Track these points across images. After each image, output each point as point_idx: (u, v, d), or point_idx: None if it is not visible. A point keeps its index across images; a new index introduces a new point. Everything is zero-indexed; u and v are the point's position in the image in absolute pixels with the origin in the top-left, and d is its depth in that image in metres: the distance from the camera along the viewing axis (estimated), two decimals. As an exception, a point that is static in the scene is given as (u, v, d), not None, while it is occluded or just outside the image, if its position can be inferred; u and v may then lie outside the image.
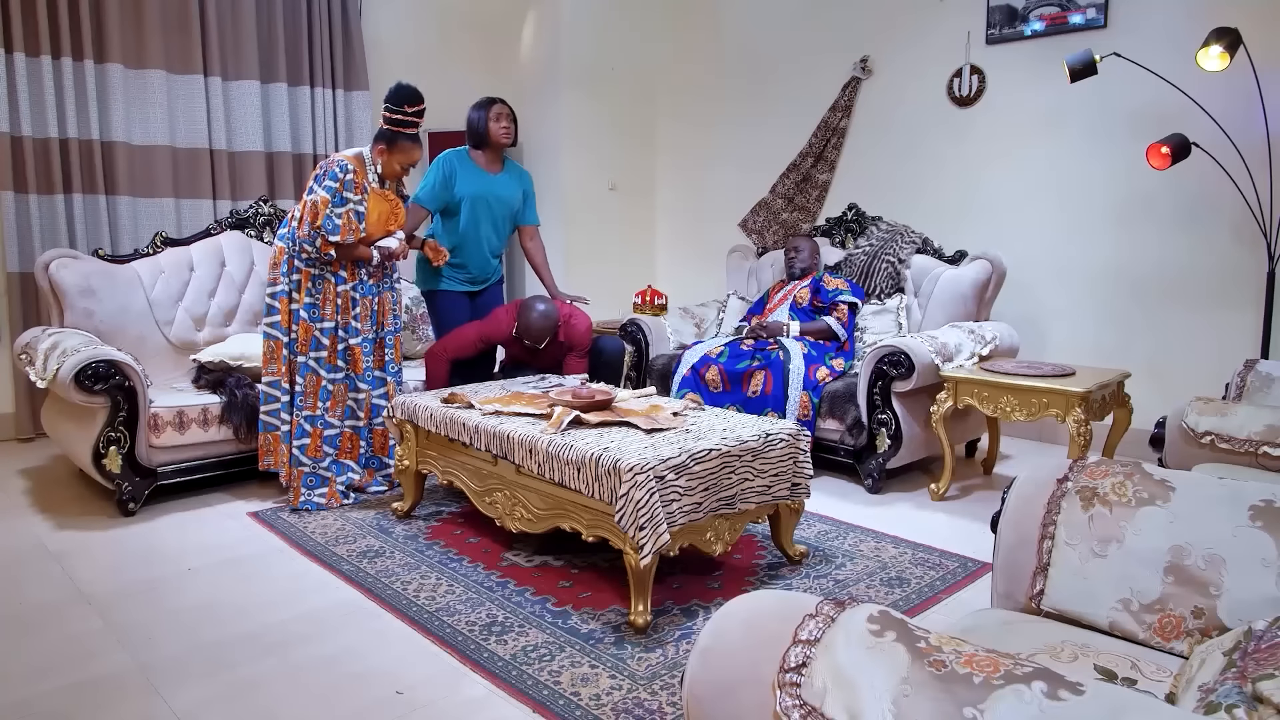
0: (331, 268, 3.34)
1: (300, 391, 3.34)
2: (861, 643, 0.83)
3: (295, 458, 3.35)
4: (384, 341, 3.53)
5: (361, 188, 3.32)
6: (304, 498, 3.34)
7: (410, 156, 3.38)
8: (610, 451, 2.36)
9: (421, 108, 3.36)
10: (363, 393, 3.43)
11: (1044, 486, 1.56)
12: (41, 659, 2.21)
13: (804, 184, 5.33)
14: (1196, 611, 1.33)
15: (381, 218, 3.39)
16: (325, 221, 3.24)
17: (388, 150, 3.35)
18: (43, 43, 4.17)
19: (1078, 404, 3.08)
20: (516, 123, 3.91)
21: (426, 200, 3.80)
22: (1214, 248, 3.85)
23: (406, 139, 3.35)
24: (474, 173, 3.84)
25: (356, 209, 3.29)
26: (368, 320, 3.43)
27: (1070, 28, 4.16)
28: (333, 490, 3.40)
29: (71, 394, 3.10)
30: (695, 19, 5.91)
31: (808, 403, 3.68)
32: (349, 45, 5.17)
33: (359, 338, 3.40)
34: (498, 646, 2.26)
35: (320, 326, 3.35)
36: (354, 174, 3.30)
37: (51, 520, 3.25)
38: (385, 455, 3.54)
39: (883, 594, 2.59)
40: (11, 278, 4.25)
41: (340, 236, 3.26)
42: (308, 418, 3.36)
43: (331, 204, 3.25)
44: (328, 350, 3.37)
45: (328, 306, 3.35)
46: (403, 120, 3.32)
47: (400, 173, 3.42)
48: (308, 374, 3.35)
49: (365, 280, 3.42)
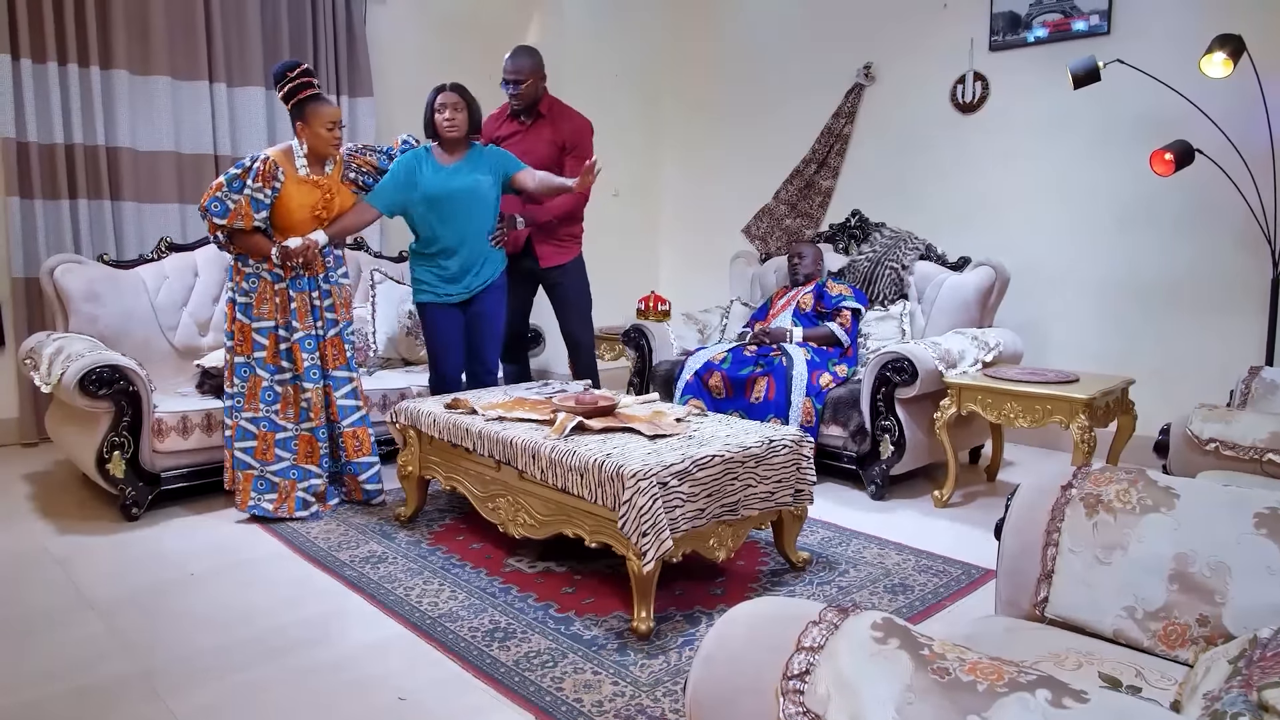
0: (267, 265, 3.24)
1: (240, 393, 3.25)
2: (865, 650, 0.83)
3: (240, 460, 3.25)
4: (339, 339, 3.38)
5: (270, 176, 3.18)
6: (252, 501, 3.25)
7: (323, 116, 3.22)
8: (613, 457, 2.36)
9: (302, 68, 3.23)
10: (308, 392, 3.30)
11: (1048, 493, 1.55)
12: (45, 664, 2.21)
13: (807, 190, 5.33)
14: (1201, 619, 1.33)
15: (306, 207, 3.26)
16: (210, 203, 3.15)
17: (304, 124, 3.23)
18: (49, 49, 4.18)
19: (1082, 410, 3.08)
20: (472, 110, 3.48)
21: (374, 198, 3.46)
22: (1217, 254, 3.84)
23: (308, 102, 3.22)
24: (432, 169, 3.48)
25: (255, 196, 3.17)
26: (307, 317, 3.29)
27: (1073, 34, 4.16)
28: (287, 498, 3.27)
29: (76, 399, 3.11)
30: (698, 25, 5.92)
31: (811, 409, 3.67)
32: (353, 51, 5.19)
33: (300, 334, 3.27)
34: (500, 653, 2.25)
35: (258, 326, 3.25)
36: (263, 163, 3.19)
37: (55, 525, 3.25)
38: (361, 458, 3.40)
39: (886, 601, 2.59)
40: (16, 283, 4.26)
41: (228, 221, 3.15)
42: (251, 419, 3.25)
43: (227, 188, 3.16)
44: (268, 350, 3.26)
45: (265, 305, 3.26)
46: (293, 90, 3.21)
47: (330, 140, 3.25)
48: (248, 375, 3.25)
49: (301, 275, 3.29)
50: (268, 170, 3.19)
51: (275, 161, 3.22)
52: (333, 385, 3.36)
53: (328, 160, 3.38)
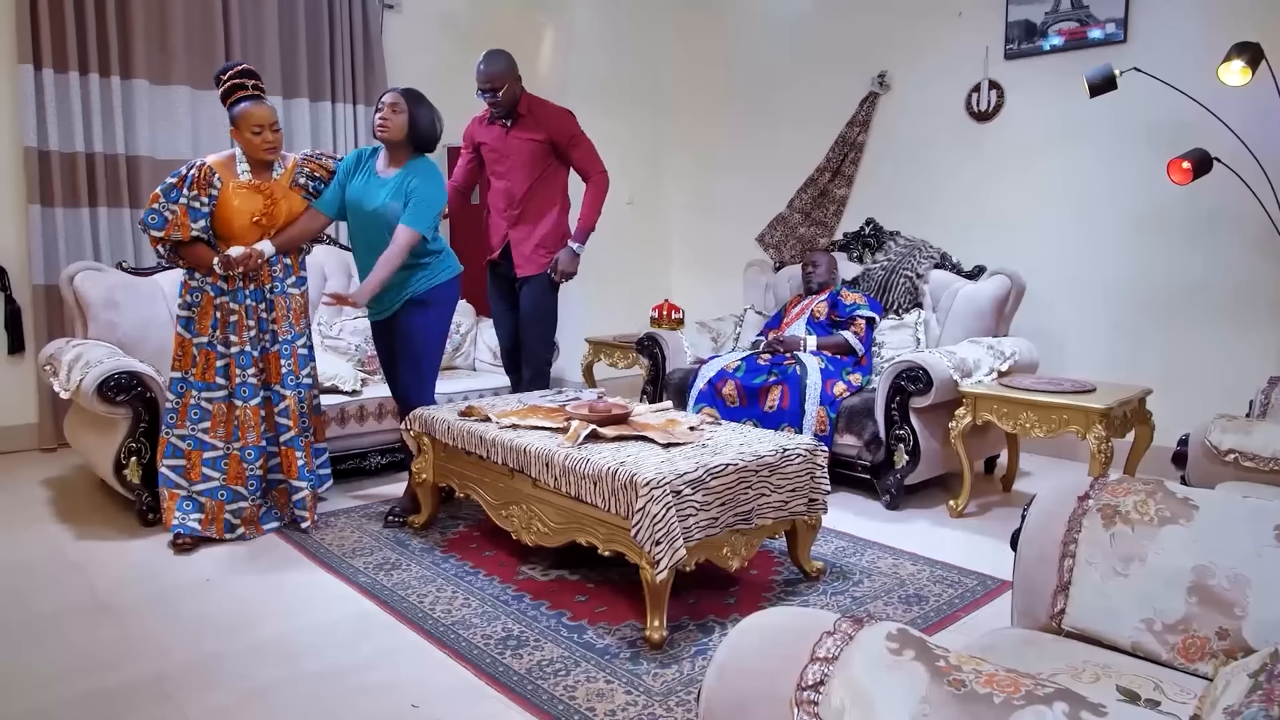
0: (211, 278, 3.09)
1: (173, 410, 3.10)
2: (880, 661, 0.82)
3: (167, 479, 3.08)
4: (279, 353, 3.18)
5: (205, 183, 3.05)
6: (177, 520, 3.05)
7: (250, 119, 3.04)
8: (627, 466, 2.36)
9: (238, 69, 3.08)
10: (237, 409, 3.13)
11: (1065, 504, 1.54)
12: (60, 666, 2.23)
13: (821, 199, 5.33)
14: (1221, 632, 1.31)
15: (246, 213, 3.09)
16: (147, 215, 3.02)
17: (234, 128, 3.07)
18: (70, 59, 4.24)
19: (1099, 421, 3.05)
20: (414, 116, 3.15)
21: (321, 203, 3.25)
22: (1234, 262, 3.81)
23: (238, 103, 3.05)
24: (366, 174, 3.24)
25: (191, 205, 3.03)
26: (246, 330, 3.12)
27: (1089, 42, 4.15)
28: (215, 519, 3.10)
29: (94, 405, 3.14)
30: (710, 34, 5.93)
31: (825, 418, 3.66)
32: (369, 61, 5.24)
33: (235, 348, 3.11)
34: (513, 661, 2.25)
35: (198, 341, 3.10)
36: (198, 169, 3.05)
37: (72, 529, 3.27)
38: (296, 478, 3.19)
39: (900, 611, 2.57)
40: (37, 289, 4.31)
41: (165, 232, 3.02)
42: (180, 436, 3.09)
43: (163, 199, 3.03)
44: (199, 367, 3.10)
45: (204, 319, 3.10)
46: (225, 93, 3.07)
47: (260, 144, 3.06)
48: (182, 391, 3.10)
49: (241, 287, 3.12)
50: (202, 177, 3.06)
51: (211, 167, 3.08)
52: (273, 400, 3.20)
53: (276, 166, 3.20)
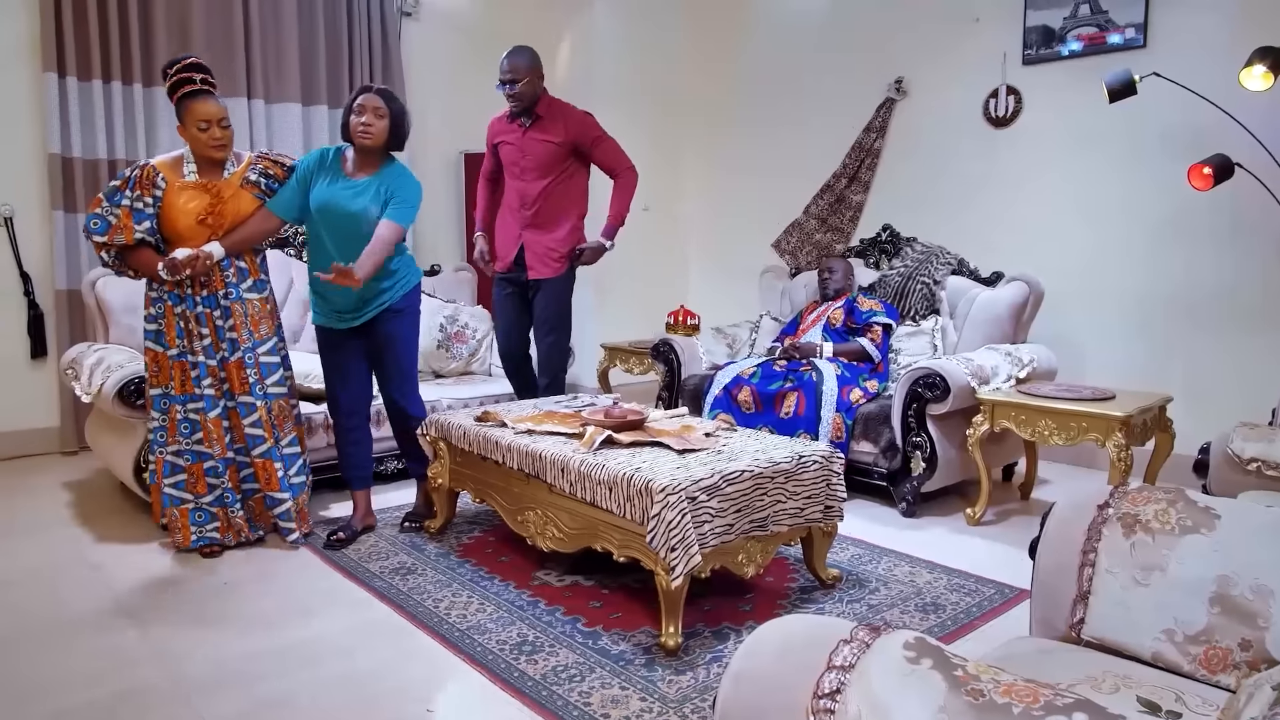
0: (166, 285, 2.96)
1: (161, 427, 3.01)
2: (897, 670, 0.82)
3: (173, 497, 3.02)
4: (242, 361, 3.03)
5: (149, 184, 2.93)
6: (195, 535, 3.03)
7: (196, 113, 2.91)
8: (642, 472, 2.36)
9: (185, 63, 2.96)
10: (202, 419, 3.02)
11: (1084, 512, 1.53)
12: (79, 669, 2.24)
13: (838, 205, 5.31)
14: (1244, 643, 1.30)
15: (191, 213, 2.96)
16: (89, 220, 2.91)
17: (180, 124, 2.95)
18: (94, 67, 4.30)
19: (1118, 428, 3.03)
20: (395, 122, 3.06)
21: (275, 203, 3.08)
22: (1256, 268, 3.77)
23: (185, 99, 2.92)
24: (333, 175, 3.07)
25: (135, 206, 2.91)
26: (200, 339, 2.99)
27: (1109, 48, 4.12)
28: (230, 524, 3.08)
29: (114, 408, 3.17)
30: (727, 40, 5.93)
31: (841, 424, 3.65)
32: (388, 67, 5.27)
33: (199, 358, 3.00)
34: (528, 666, 2.25)
35: (169, 354, 2.99)
36: (141, 170, 2.95)
37: (92, 532, 3.30)
38: (271, 490, 3.09)
39: (917, 620, 2.56)
40: (59, 294, 4.36)
41: (108, 237, 2.89)
42: (176, 452, 3.01)
43: (106, 202, 2.91)
44: (178, 380, 2.99)
45: (170, 331, 2.98)
46: (172, 88, 2.94)
47: (206, 140, 2.93)
48: (166, 407, 3.00)
49: (190, 293, 2.98)
50: (145, 177, 2.94)
51: (155, 167, 2.97)
52: (240, 412, 3.05)
53: (228, 164, 3.06)
